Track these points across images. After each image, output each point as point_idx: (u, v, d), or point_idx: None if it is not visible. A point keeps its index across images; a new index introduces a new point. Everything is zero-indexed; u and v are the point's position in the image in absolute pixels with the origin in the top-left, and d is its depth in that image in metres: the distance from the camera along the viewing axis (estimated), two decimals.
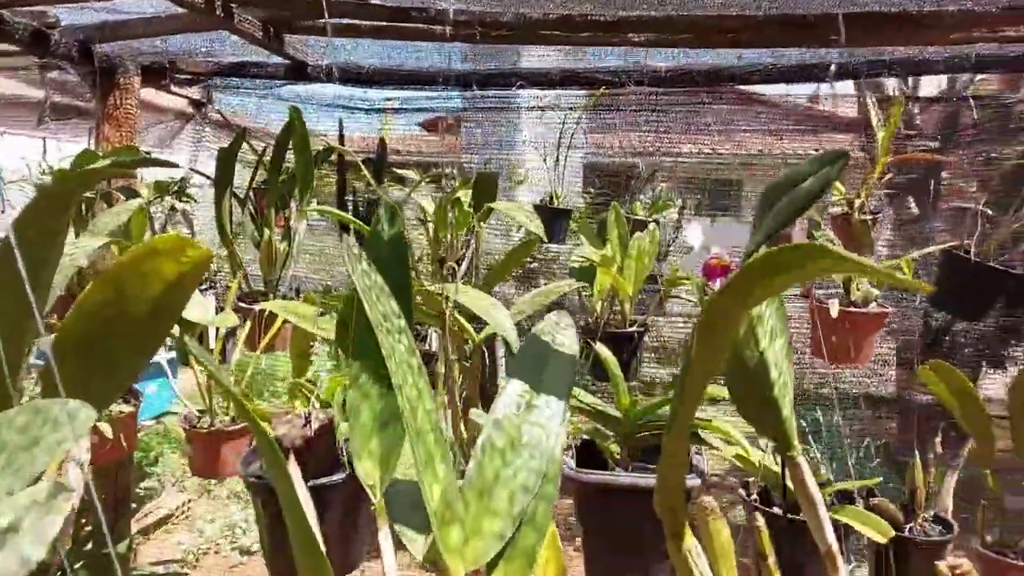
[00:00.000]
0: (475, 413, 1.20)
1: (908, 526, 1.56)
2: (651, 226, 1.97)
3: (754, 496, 1.60)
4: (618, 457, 1.67)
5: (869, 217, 1.99)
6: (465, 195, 2.03)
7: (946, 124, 3.24)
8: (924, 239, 2.15)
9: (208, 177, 2.16)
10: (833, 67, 1.87)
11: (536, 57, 2.66)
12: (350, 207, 2.62)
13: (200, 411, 1.84)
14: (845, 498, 1.63)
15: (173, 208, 2.28)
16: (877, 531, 1.37)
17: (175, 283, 0.74)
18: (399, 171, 2.12)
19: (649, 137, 2.84)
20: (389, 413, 0.76)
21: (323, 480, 0.95)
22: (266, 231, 2.15)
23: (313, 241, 2.70)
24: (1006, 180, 2.04)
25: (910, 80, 3.43)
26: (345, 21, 2.02)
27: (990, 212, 1.93)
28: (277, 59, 2.51)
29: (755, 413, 0.66)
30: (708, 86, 2.22)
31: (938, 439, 2.27)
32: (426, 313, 1.72)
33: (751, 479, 1.69)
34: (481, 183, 2.10)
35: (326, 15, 1.55)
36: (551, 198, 2.34)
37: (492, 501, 0.67)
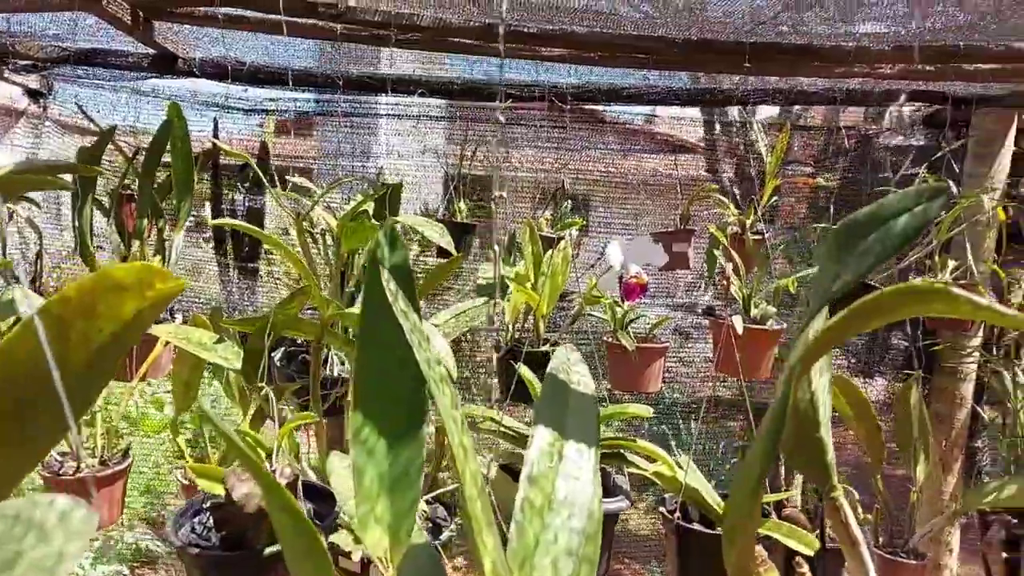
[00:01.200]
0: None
1: (816, 532, 1.65)
2: (562, 243, 1.95)
3: (675, 511, 1.63)
4: None
5: (758, 236, 2.10)
6: (368, 207, 1.91)
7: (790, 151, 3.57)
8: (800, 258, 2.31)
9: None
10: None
11: (388, 63, 2.57)
12: (227, 216, 2.38)
13: (61, 454, 1.57)
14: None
15: (12, 215, 1.95)
16: (803, 543, 1.42)
17: (130, 324, 0.60)
18: (292, 179, 1.95)
19: (503, 151, 2.86)
20: (399, 471, 0.66)
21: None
22: (135, 243, 1.89)
23: (186, 254, 2.43)
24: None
25: (748, 109, 3.76)
26: (234, 11, 1.83)
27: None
28: (142, 49, 2.24)
29: (804, 457, 0.64)
30: (608, 102, 2.24)
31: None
32: (336, 336, 1.59)
33: (667, 495, 1.71)
34: (386, 195, 1.99)
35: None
36: (453, 213, 2.26)
37: (535, 571, 0.60)
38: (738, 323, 1.82)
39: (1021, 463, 1.80)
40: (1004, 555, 1.75)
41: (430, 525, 1.66)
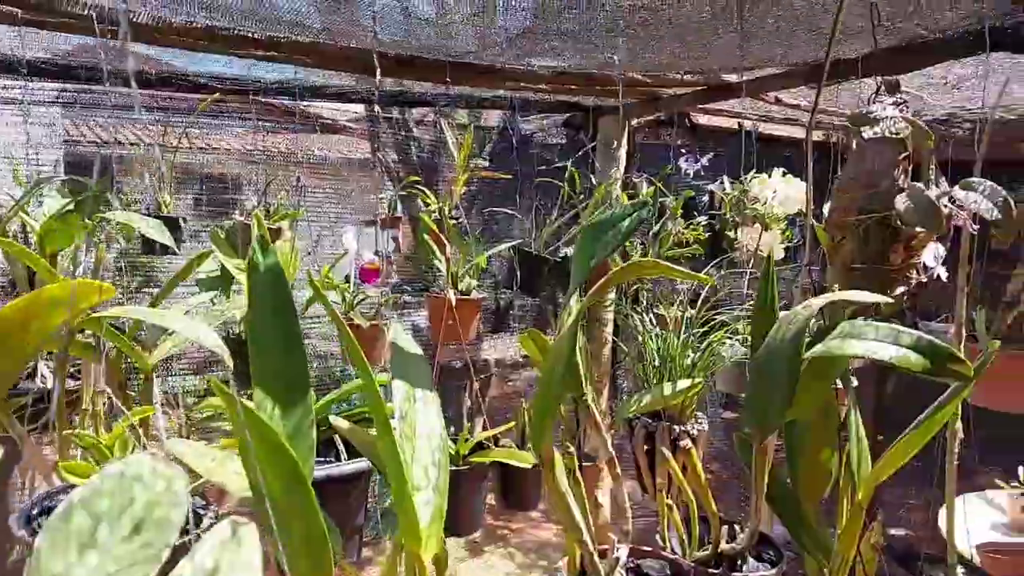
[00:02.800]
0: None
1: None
2: (288, 233, 2.07)
3: None
4: None
5: (455, 221, 2.47)
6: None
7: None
8: (496, 238, 2.76)
9: None
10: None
11: None
12: None
13: None
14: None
15: None
16: (524, 461, 1.83)
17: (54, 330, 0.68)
18: None
19: (138, 131, 2.80)
20: (293, 428, 0.82)
21: None
22: None
23: None
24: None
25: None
26: None
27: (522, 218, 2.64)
28: None
29: (570, 376, 0.97)
30: (313, 99, 2.39)
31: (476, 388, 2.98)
32: (87, 346, 1.52)
33: None
34: (92, 193, 1.88)
35: None
36: (159, 206, 2.19)
37: (414, 474, 0.83)
38: (452, 296, 2.17)
39: (649, 380, 2.45)
40: (645, 447, 2.40)
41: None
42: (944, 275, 1.15)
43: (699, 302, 2.48)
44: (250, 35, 1.74)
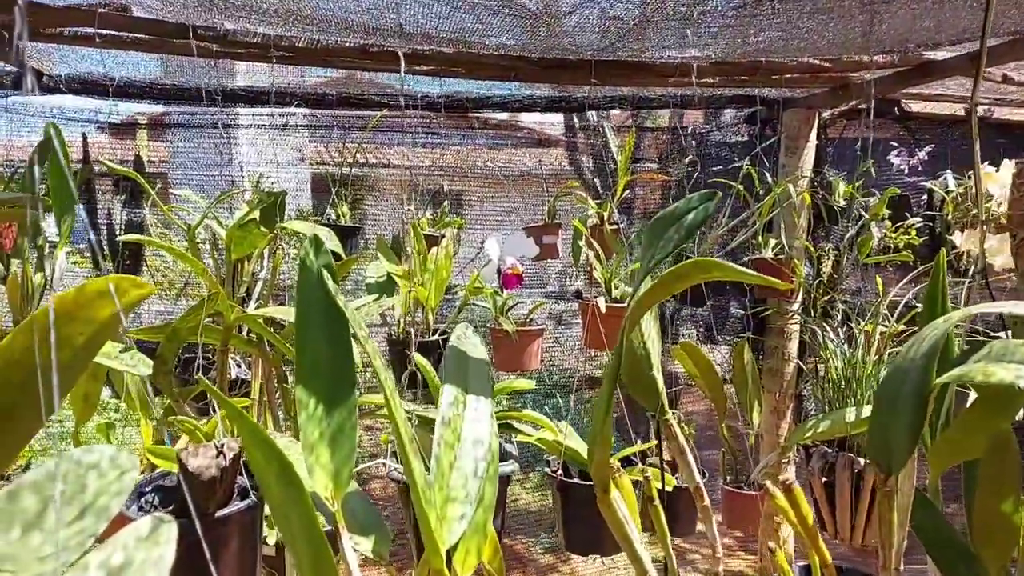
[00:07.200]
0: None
1: (676, 476, 1.95)
2: (444, 241, 2.14)
3: (558, 470, 1.88)
4: None
5: (615, 227, 2.38)
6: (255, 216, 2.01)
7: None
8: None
9: None
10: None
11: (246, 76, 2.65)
12: (104, 231, 2.37)
13: None
14: (627, 461, 1.97)
15: None
16: (667, 484, 1.70)
17: (105, 325, 0.73)
18: (176, 192, 2.00)
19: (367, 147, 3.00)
20: (336, 428, 0.82)
21: (232, 508, 0.95)
22: (13, 262, 1.88)
23: (65, 270, 2.38)
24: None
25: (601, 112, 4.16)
26: (105, 32, 1.87)
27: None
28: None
29: (641, 389, 0.87)
30: (476, 111, 2.45)
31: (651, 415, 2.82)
32: (240, 339, 1.69)
33: (551, 458, 1.95)
34: (274, 203, 2.09)
35: None
36: (337, 217, 2.39)
37: (451, 489, 0.79)
38: (601, 303, 2.09)
39: (833, 403, 2.17)
40: (823, 479, 2.12)
41: None
42: None
43: (895, 314, 2.15)
44: (399, 51, 1.82)
